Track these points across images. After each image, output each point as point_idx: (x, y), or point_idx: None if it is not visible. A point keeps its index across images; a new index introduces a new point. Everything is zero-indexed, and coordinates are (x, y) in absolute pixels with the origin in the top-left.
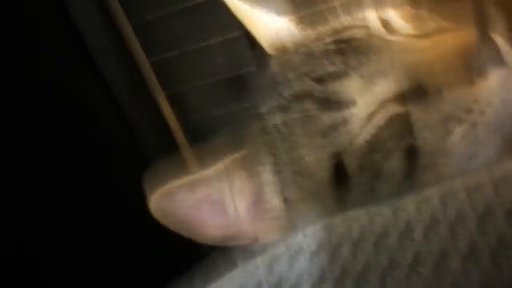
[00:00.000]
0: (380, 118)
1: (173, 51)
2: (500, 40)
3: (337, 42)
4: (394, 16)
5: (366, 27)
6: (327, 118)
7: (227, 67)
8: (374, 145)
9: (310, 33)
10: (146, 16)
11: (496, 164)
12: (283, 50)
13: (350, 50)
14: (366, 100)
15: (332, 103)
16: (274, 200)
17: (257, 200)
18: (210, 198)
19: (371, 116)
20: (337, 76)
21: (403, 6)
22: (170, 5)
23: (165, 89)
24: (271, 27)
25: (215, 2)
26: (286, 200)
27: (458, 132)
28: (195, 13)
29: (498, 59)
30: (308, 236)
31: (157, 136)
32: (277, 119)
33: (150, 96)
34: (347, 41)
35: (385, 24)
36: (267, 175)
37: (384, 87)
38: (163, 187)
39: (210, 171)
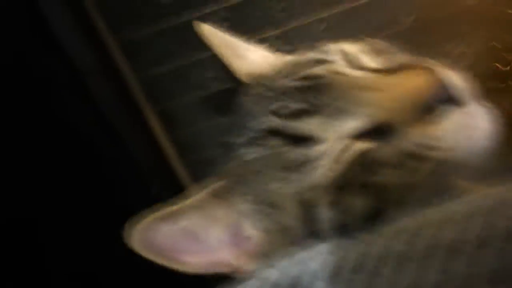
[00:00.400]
0: (346, 156)
1: (161, 67)
2: (457, 78)
3: (303, 79)
4: (357, 49)
5: (331, 61)
6: (295, 154)
7: (216, 81)
8: (341, 182)
9: (280, 64)
10: (133, 33)
11: (458, 200)
12: (256, 80)
13: (316, 88)
14: (332, 137)
15: (300, 140)
16: (251, 230)
17: (235, 229)
18: (190, 228)
19: (338, 152)
20: (304, 113)
21: (367, 40)
22: (157, 22)
23: (153, 105)
24: (247, 56)
25: (202, 18)
26: (262, 230)
27: (420, 168)
28: (183, 29)
29: (457, 98)
30: (280, 271)
31: (146, 151)
32: (250, 152)
33: (138, 111)
34: (313, 78)
35: (349, 58)
36: (244, 206)
37: (349, 125)
38: (143, 220)
39: (189, 202)
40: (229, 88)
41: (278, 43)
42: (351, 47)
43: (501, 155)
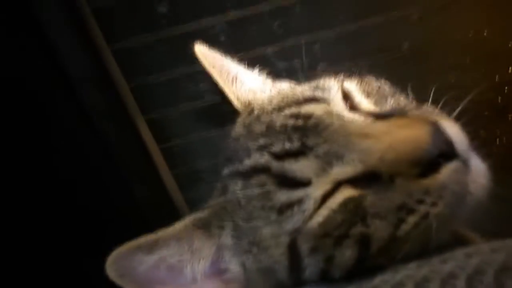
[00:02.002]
0: (334, 201)
1: (153, 76)
2: (453, 130)
3: (296, 117)
4: (355, 88)
5: (326, 100)
6: (283, 195)
7: (209, 93)
8: (326, 229)
9: (274, 95)
10: (128, 42)
11: (444, 257)
12: (248, 110)
13: (308, 128)
14: (320, 181)
15: (288, 180)
16: (231, 264)
17: (215, 262)
18: (168, 259)
19: (325, 197)
20: (294, 154)
21: (365, 80)
22: (153, 32)
23: (144, 113)
24: (243, 83)
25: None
26: (243, 266)
27: (410, 221)
28: (179, 40)
29: (451, 152)
30: None
31: (136, 160)
32: (237, 186)
33: (130, 120)
34: (306, 118)
35: (346, 96)
36: (227, 239)
37: (339, 170)
38: (120, 248)
39: (168, 231)
40: (222, 101)
41: (275, 60)
42: (350, 86)
43: (494, 204)
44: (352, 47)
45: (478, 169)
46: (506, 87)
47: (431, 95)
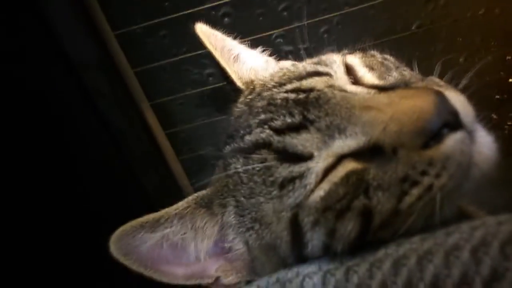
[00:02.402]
0: (336, 175)
1: (159, 61)
2: (459, 101)
3: (297, 91)
4: (359, 62)
5: (329, 74)
6: (284, 170)
7: (213, 77)
8: (328, 203)
9: (277, 72)
10: (132, 27)
11: (448, 230)
12: (250, 87)
13: (310, 102)
14: (322, 155)
15: (289, 155)
16: (235, 242)
17: (218, 240)
18: (171, 237)
19: (327, 171)
20: (295, 128)
21: (370, 52)
22: (156, 16)
23: (150, 98)
24: (244, 60)
25: (202, 12)
26: (246, 244)
27: (413, 193)
28: (182, 23)
29: (456, 122)
30: None
31: (142, 146)
32: (238, 163)
33: (135, 105)
34: (307, 91)
35: (349, 70)
36: (229, 217)
37: (341, 143)
38: (123, 228)
39: (172, 209)
40: (226, 85)
41: (279, 43)
42: (353, 59)
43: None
44: (358, 29)
45: (484, 140)
46: None
47: (438, 69)
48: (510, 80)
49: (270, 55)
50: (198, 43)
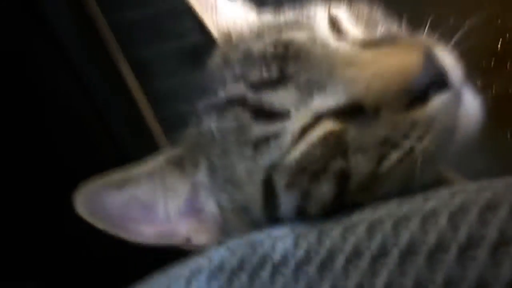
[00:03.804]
0: (313, 135)
1: (134, 12)
2: (447, 59)
3: (276, 44)
4: (345, 15)
5: (310, 26)
6: (259, 129)
7: (194, 32)
8: (304, 164)
9: (256, 24)
10: None
11: (427, 195)
12: (227, 39)
13: (289, 56)
14: (300, 114)
15: (265, 113)
16: (207, 203)
17: (190, 200)
18: (141, 196)
19: (303, 131)
20: (273, 84)
21: (355, 4)
22: None
23: (126, 55)
24: (223, 13)
25: None
26: (218, 205)
27: (393, 157)
28: None
29: (443, 82)
30: (230, 251)
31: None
32: (211, 120)
33: (109, 58)
34: (287, 45)
35: (333, 22)
36: (201, 177)
37: (320, 101)
38: (89, 184)
39: (141, 168)
40: (207, 40)
41: None
42: (337, 12)
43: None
44: None
45: (471, 103)
46: (508, 34)
47: (427, 25)
48: (499, 44)
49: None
50: None
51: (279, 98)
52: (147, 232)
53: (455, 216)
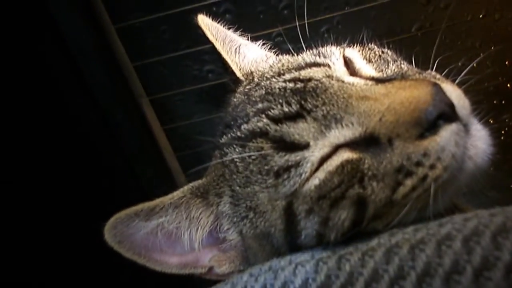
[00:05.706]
0: (332, 164)
1: (159, 56)
2: (455, 93)
3: (295, 80)
4: (357, 55)
5: (327, 65)
6: (280, 159)
7: (213, 74)
8: (323, 191)
9: (276, 63)
10: (133, 20)
11: (441, 221)
12: (249, 77)
13: (307, 91)
14: (318, 144)
15: (286, 144)
16: (229, 232)
17: (213, 230)
18: (165, 226)
19: (322, 160)
20: (292, 117)
21: (368, 47)
22: (158, 11)
23: (148, 94)
24: (244, 52)
25: (204, 8)
26: (240, 234)
27: (407, 184)
28: (183, 18)
29: (451, 114)
30: (253, 278)
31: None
32: (235, 152)
33: (134, 100)
34: (305, 81)
35: (348, 62)
36: (224, 207)
37: (337, 133)
38: (118, 214)
39: (167, 199)
40: (226, 82)
41: (279, 41)
42: (351, 52)
43: (492, 175)
44: (359, 30)
45: (479, 134)
46: None
47: (435, 64)
48: (509, 85)
49: (270, 49)
50: (198, 39)
51: (299, 130)
52: (172, 261)
53: (470, 240)
